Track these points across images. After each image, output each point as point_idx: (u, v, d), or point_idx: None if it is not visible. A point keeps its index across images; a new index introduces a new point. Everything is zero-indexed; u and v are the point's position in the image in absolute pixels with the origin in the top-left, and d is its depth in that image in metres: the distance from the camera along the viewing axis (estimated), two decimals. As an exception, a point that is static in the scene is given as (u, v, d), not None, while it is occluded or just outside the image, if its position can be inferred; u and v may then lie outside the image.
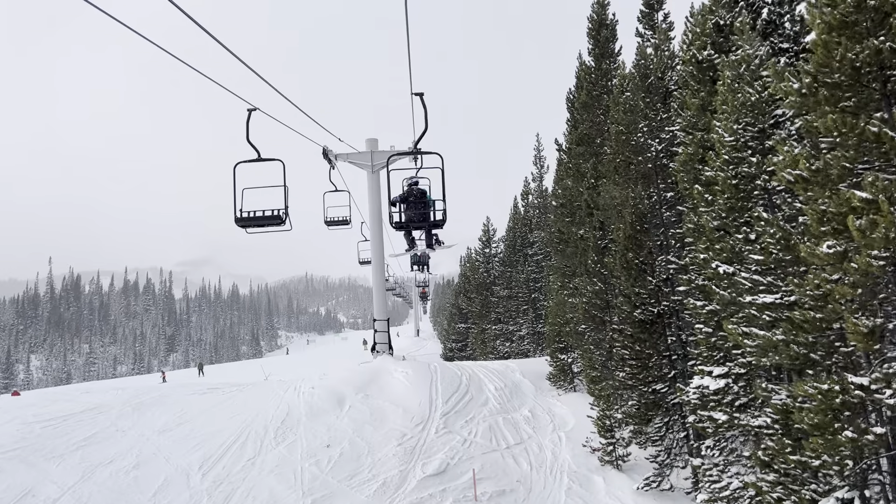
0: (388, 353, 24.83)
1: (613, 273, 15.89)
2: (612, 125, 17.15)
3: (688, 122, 12.32)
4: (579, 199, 19.37)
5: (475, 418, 18.20)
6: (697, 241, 11.32)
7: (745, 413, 9.91)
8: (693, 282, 11.36)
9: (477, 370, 23.87)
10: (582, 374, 21.93)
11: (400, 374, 21.55)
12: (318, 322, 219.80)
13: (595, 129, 19.98)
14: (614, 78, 20.53)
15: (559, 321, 21.17)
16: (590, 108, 20.41)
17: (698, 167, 12.01)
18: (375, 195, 25.24)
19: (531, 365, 25.39)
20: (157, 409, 18.89)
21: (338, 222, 22.77)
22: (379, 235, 25.56)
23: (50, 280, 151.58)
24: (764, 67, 10.70)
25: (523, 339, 36.55)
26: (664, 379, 12.43)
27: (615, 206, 14.83)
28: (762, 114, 10.31)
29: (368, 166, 25.11)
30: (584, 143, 20.07)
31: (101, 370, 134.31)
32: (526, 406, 19.98)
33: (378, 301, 26.00)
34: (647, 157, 14.04)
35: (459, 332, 49.51)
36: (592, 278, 16.86)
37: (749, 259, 9.36)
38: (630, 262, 12.62)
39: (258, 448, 15.71)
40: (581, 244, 17.90)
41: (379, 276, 25.90)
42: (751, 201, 10.34)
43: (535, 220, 38.75)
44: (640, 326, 12.35)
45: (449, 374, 22.14)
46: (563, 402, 20.48)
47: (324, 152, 23.97)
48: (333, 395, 19.36)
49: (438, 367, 23.26)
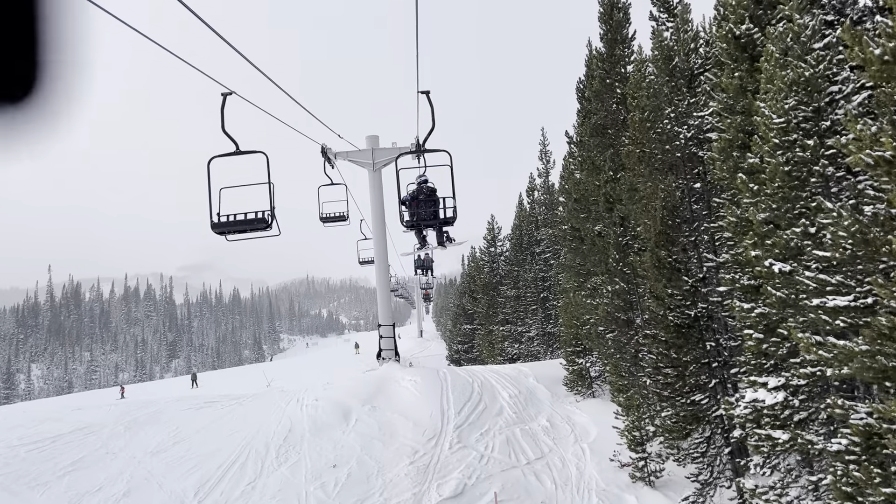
0: (394, 360, 23.69)
1: (638, 272, 14.72)
2: (631, 113, 15.96)
3: (724, 104, 11.13)
4: (596, 194, 18.19)
5: (490, 430, 17.03)
6: (742, 236, 10.14)
7: (807, 430, 8.73)
8: (737, 281, 10.18)
9: (488, 376, 22.72)
10: (601, 379, 20.78)
11: (408, 382, 20.40)
12: (321, 324, 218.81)
13: (610, 119, 18.78)
14: (629, 65, 19.33)
15: (575, 323, 19.99)
16: (603, 97, 19.21)
17: (737, 154, 10.83)
18: (378, 195, 24.07)
19: (545, 369, 24.23)
20: (151, 427, 17.74)
21: (334, 218, 21.50)
22: (382, 237, 24.40)
23: (50, 288, 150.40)
24: (816, 39, 9.51)
25: (533, 341, 35.36)
26: (704, 389, 11.28)
27: (640, 200, 13.66)
28: (817, 91, 9.12)
29: (370, 164, 23.93)
30: (598, 134, 18.89)
31: (103, 378, 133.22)
32: (543, 414, 18.81)
33: (383, 305, 24.86)
34: (675, 145, 12.86)
35: (465, 333, 48.33)
36: (614, 278, 15.69)
37: (811, 255, 8.18)
38: (662, 261, 11.46)
39: (259, 470, 14.55)
40: (599, 241, 16.73)
41: (383, 280, 24.74)
42: (805, 190, 9.15)
43: (541, 217, 37.53)
44: (675, 331, 11.20)
45: (460, 382, 20.98)
46: (583, 409, 19.32)
47: (322, 151, 22.79)
48: (338, 407, 18.21)
49: (448, 373, 22.10)
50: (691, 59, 14.30)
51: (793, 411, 8.92)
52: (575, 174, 23.43)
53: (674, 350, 11.32)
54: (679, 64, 13.83)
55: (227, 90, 9.89)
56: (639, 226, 15.74)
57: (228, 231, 10.54)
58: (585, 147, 20.77)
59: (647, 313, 15.56)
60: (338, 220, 21.51)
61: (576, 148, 23.00)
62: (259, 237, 10.54)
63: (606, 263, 16.06)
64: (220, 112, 10.02)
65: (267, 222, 10.34)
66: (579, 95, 22.67)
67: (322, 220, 21.38)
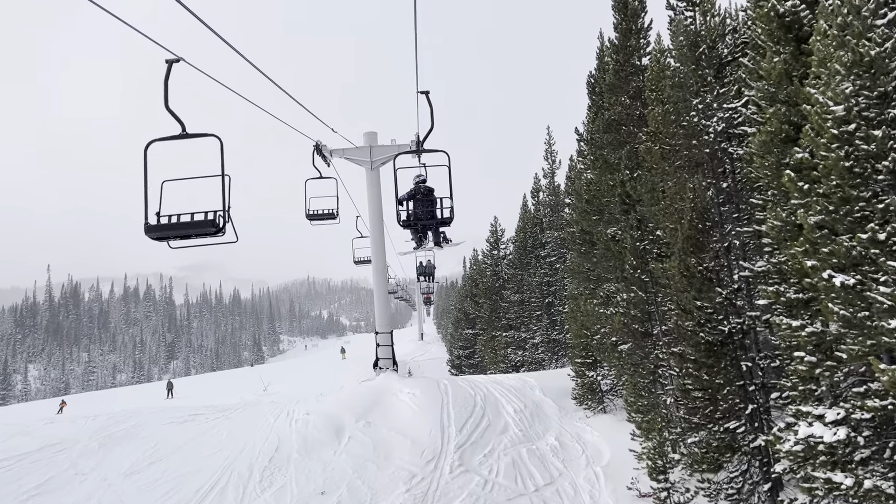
0: (391, 370, 22.34)
1: (659, 280, 13.38)
2: (650, 107, 14.64)
3: (763, 93, 9.80)
4: (609, 194, 16.86)
5: (495, 450, 15.68)
6: (787, 243, 8.81)
7: (872, 473, 7.39)
8: (782, 294, 8.83)
9: (491, 387, 21.37)
10: (612, 393, 19.42)
11: (406, 395, 19.07)
12: (321, 326, 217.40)
13: (624, 114, 17.46)
14: (644, 56, 18.01)
15: (585, 333, 18.64)
16: (617, 91, 17.88)
17: (779, 149, 9.49)
18: (376, 194, 22.75)
19: (551, 379, 22.86)
20: (127, 444, 16.40)
21: (322, 216, 19.82)
22: (380, 239, 23.06)
23: (49, 288, 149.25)
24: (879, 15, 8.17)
25: (537, 348, 34.01)
26: (739, 416, 9.95)
27: (663, 201, 12.33)
28: (883, 73, 7.78)
29: (367, 162, 22.61)
30: (612, 131, 17.55)
31: (101, 379, 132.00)
32: (551, 432, 17.46)
33: (380, 311, 23.50)
34: (704, 140, 11.54)
35: (467, 338, 46.97)
36: (630, 286, 14.35)
37: (886, 267, 6.85)
38: (692, 270, 10.14)
39: (240, 496, 13.20)
40: (614, 246, 15.39)
41: (381, 284, 23.42)
42: (868, 189, 7.81)
43: (547, 219, 36.20)
44: (706, 349, 9.88)
45: (461, 395, 19.64)
46: (593, 426, 17.96)
47: (316, 148, 21.48)
48: (330, 423, 16.87)
49: (449, 385, 20.76)
50: (718, 46, 12.97)
51: (854, 448, 7.58)
52: (584, 174, 22.11)
53: (704, 370, 9.99)
54: (705, 52, 12.49)
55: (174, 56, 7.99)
56: (658, 229, 14.41)
57: (168, 236, 8.26)
58: (597, 144, 19.44)
59: (667, 325, 14.22)
60: (326, 218, 19.90)
61: (586, 146, 21.68)
62: (209, 243, 8.34)
63: (622, 270, 14.72)
64: (164, 84, 7.96)
65: (217, 225, 8.02)
66: (590, 90, 21.37)
67: (308, 218, 19.85)
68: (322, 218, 19.79)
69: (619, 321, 14.28)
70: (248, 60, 9.97)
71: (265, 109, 12.98)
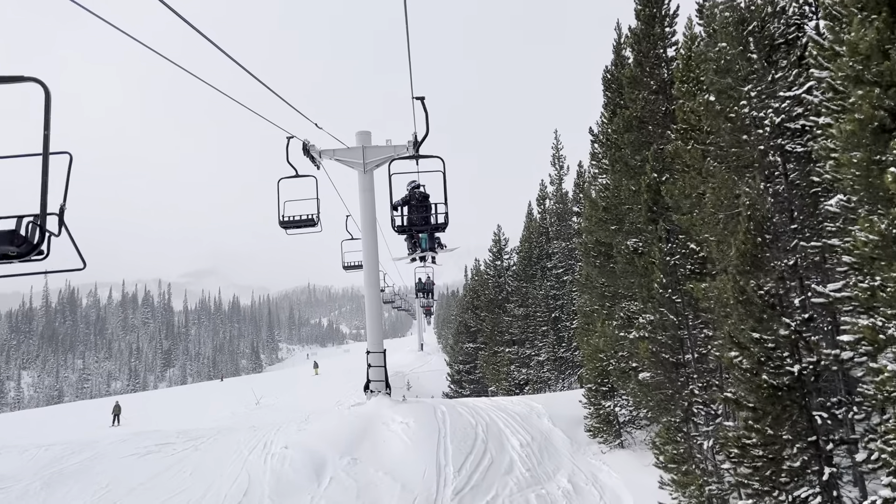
0: (384, 393, 20.18)
1: (696, 302, 11.27)
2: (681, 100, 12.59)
3: (847, 72, 7.72)
4: (631, 201, 14.80)
5: (499, 496, 13.53)
6: (887, 262, 6.71)
7: None
8: (881, 330, 6.72)
9: (494, 415, 19.21)
10: (632, 424, 17.27)
11: (398, 425, 16.93)
12: (320, 334, 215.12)
13: (648, 111, 15.42)
14: (670, 47, 15.98)
15: (601, 357, 16.51)
16: (639, 85, 15.85)
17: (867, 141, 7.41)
18: (369, 199, 20.67)
19: (561, 406, 20.65)
20: (77, 482, 14.29)
21: (299, 223, 16.55)
22: (373, 248, 20.95)
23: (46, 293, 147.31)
24: None
25: (543, 366, 31.83)
26: (811, 481, 7.82)
27: (703, 210, 10.25)
28: None
29: (360, 164, 20.53)
30: (634, 129, 15.51)
31: (95, 387, 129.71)
32: (563, 472, 15.31)
33: (372, 327, 21.37)
34: (759, 135, 9.48)
35: (467, 352, 44.75)
36: (659, 307, 12.24)
37: None
38: (750, 295, 8.07)
39: (194, 556, 11.07)
40: (639, 261, 13.30)
41: (373, 296, 21.27)
42: None
43: (554, 229, 34.10)
44: (770, 395, 7.78)
45: (460, 424, 17.50)
46: (611, 464, 15.80)
47: (304, 148, 19.48)
48: (310, 460, 14.73)
49: (447, 412, 18.60)
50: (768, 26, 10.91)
51: None
52: (599, 178, 20.07)
53: (767, 423, 7.90)
54: (756, 30, 10.43)
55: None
56: (692, 241, 12.32)
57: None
58: (615, 145, 17.39)
59: (700, 353, 12.10)
60: (304, 226, 16.61)
61: (601, 147, 19.62)
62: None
63: (649, 288, 12.62)
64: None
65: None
66: (605, 86, 19.34)
67: (283, 226, 16.55)
68: (299, 225, 16.60)
69: (645, 349, 12.16)
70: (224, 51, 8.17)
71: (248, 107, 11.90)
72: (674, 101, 15.56)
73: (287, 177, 16.22)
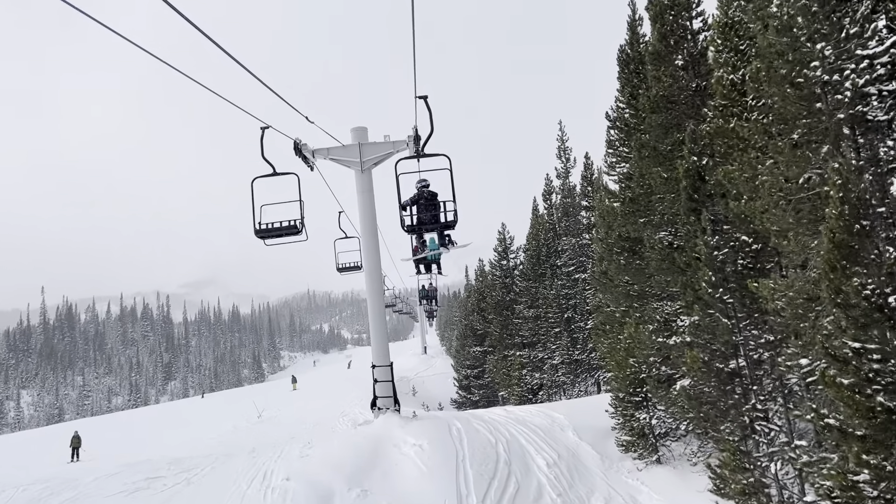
0: (393, 410, 18.57)
1: (753, 301, 9.68)
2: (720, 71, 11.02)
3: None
4: (664, 189, 13.21)
5: (530, 530, 11.95)
6: None
7: None
8: None
9: (513, 430, 17.66)
10: (670, 436, 15.67)
11: (411, 448, 15.34)
12: (322, 340, 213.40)
13: (676, 89, 13.83)
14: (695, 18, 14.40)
15: (633, 364, 14.93)
16: (664, 60, 14.26)
17: None
18: (368, 201, 19.06)
19: (583, 414, 19.06)
20: (53, 531, 12.68)
21: (280, 231, 13.63)
22: (375, 254, 19.33)
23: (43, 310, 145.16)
24: None
25: (557, 369, 30.22)
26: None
27: (768, 194, 8.66)
28: None
29: (357, 163, 18.88)
30: (662, 109, 13.92)
31: (96, 404, 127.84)
32: (598, 495, 13.72)
33: (377, 338, 19.68)
34: (838, 101, 7.91)
35: (475, 356, 43.11)
36: (708, 310, 10.65)
37: None
38: (849, 295, 6.52)
39: None
40: (680, 257, 11.70)
41: (377, 308, 19.65)
42: None
43: (562, 225, 32.48)
44: (885, 421, 6.24)
45: (479, 444, 15.92)
46: (649, 483, 14.21)
47: (295, 147, 17.91)
48: (314, 494, 13.10)
49: (462, 430, 17.03)
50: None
51: None
52: (617, 168, 18.48)
53: (879, 454, 6.34)
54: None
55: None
56: (738, 231, 10.74)
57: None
58: (636, 129, 15.82)
59: (755, 358, 10.50)
60: (286, 234, 13.67)
61: (618, 133, 18.02)
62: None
63: (694, 288, 11.02)
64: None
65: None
66: (621, 67, 17.75)
67: (259, 235, 13.57)
68: (280, 234, 13.65)
69: (695, 358, 10.56)
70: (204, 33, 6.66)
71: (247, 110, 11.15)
72: (704, 77, 14.04)
73: (263, 175, 13.26)
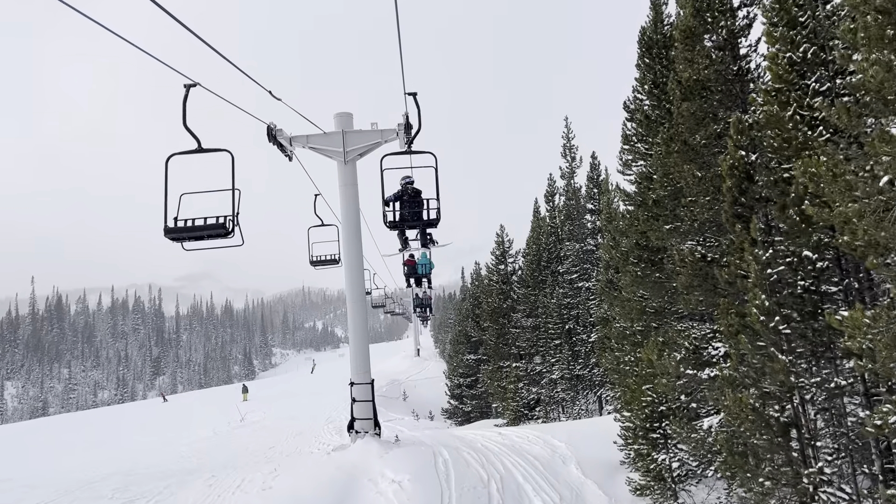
0: (372, 434, 16.35)
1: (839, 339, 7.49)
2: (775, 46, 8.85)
3: None
4: (697, 191, 11.02)
5: None
6: None
7: None
8: None
9: (508, 463, 15.46)
10: (690, 480, 13.46)
11: (389, 486, 13.11)
12: (315, 338, 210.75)
13: (714, 72, 11.65)
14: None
15: (649, 397, 12.73)
16: (697, 39, 12.09)
17: None
18: (352, 194, 16.80)
19: (587, 443, 16.87)
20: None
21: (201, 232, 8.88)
22: (357, 255, 17.10)
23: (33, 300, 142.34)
24: None
25: (556, 385, 28.01)
26: None
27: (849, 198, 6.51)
28: None
29: (340, 153, 16.66)
30: (695, 97, 11.73)
31: (81, 397, 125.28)
32: (607, 552, 11.53)
33: (357, 351, 17.35)
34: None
35: (468, 364, 40.89)
36: (757, 341, 8.46)
37: None
38: None
39: None
40: (721, 273, 9.50)
41: (358, 314, 17.36)
42: None
43: (565, 228, 30.28)
44: None
45: (469, 482, 13.70)
46: (668, 538, 12.04)
47: (268, 133, 15.76)
48: (269, 546, 10.91)
49: (450, 462, 14.83)
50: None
51: None
52: (633, 166, 16.30)
53: None
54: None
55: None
56: (801, 246, 8.55)
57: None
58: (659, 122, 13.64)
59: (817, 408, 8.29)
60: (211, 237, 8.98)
61: (637, 126, 15.83)
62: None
63: (739, 314, 8.83)
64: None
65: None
66: (644, 51, 15.57)
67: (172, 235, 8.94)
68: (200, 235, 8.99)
69: (742, 402, 8.37)
70: None
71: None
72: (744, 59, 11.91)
73: (183, 152, 9.04)
